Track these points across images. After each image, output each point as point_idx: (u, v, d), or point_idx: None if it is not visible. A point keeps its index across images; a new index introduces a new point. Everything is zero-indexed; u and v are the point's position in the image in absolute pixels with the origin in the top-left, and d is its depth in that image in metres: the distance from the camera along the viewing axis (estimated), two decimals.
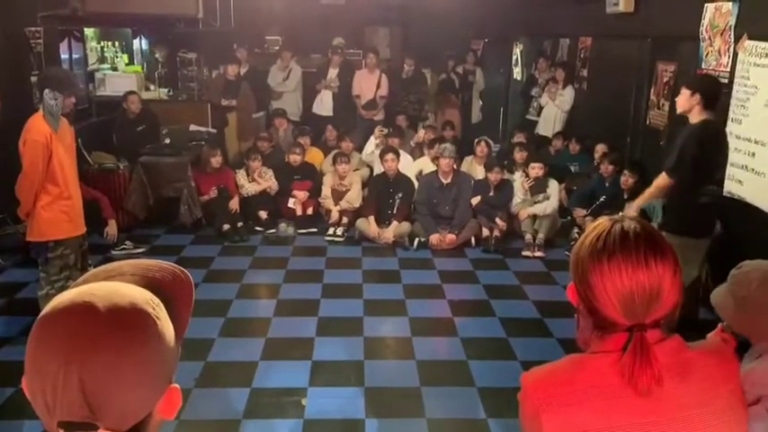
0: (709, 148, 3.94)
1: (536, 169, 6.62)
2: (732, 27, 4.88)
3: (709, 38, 5.21)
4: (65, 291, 0.87)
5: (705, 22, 5.25)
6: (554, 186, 6.61)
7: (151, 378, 0.83)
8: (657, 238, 1.17)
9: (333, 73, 9.00)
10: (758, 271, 1.95)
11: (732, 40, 4.88)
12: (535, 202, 6.57)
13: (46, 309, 0.83)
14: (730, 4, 4.91)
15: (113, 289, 0.85)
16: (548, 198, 6.54)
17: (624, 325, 1.13)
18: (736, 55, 4.81)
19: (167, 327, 0.86)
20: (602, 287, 1.13)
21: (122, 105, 7.08)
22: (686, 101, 3.97)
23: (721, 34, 5.04)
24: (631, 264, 1.12)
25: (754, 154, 4.56)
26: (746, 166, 4.64)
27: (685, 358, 1.16)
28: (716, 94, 4.01)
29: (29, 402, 0.82)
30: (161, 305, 0.87)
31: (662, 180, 4.09)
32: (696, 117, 3.97)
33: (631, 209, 4.31)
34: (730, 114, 4.83)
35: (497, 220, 6.40)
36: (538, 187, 6.60)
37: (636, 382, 1.10)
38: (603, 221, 1.22)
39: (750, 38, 4.66)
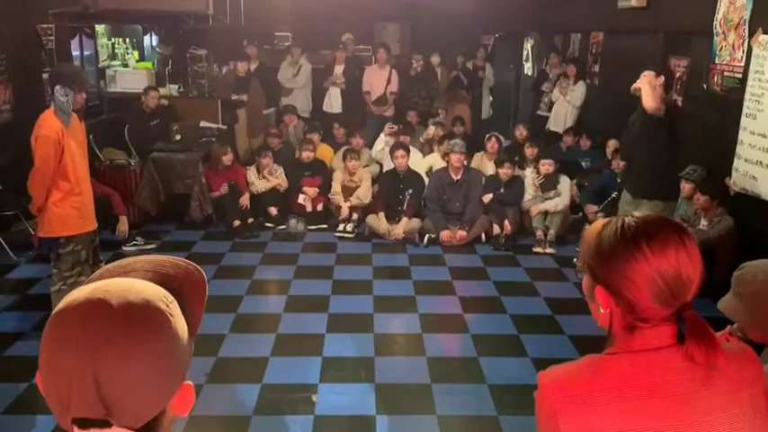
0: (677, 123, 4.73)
1: (546, 166, 6.57)
2: (747, 21, 4.82)
3: (723, 32, 5.15)
4: (77, 286, 0.86)
5: (719, 16, 5.20)
6: (565, 183, 6.57)
7: (165, 375, 0.83)
8: (672, 219, 1.18)
9: (338, 70, 8.99)
10: (764, 267, 1.89)
11: (746, 35, 4.82)
12: (546, 199, 6.54)
13: (60, 305, 0.83)
14: None
15: (127, 285, 0.85)
16: (559, 194, 6.50)
17: (669, 309, 1.11)
18: (750, 50, 4.76)
19: (181, 323, 0.86)
20: (648, 273, 1.09)
21: (141, 98, 7.10)
22: (651, 80, 4.53)
23: (735, 29, 4.98)
24: (673, 243, 1.10)
25: None
26: (761, 162, 4.59)
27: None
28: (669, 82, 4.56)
29: (42, 397, 0.82)
30: (174, 302, 0.87)
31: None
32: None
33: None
34: (744, 110, 4.78)
35: (505, 222, 6.37)
36: (548, 184, 6.56)
37: (709, 362, 1.09)
38: (605, 220, 1.21)
39: (765, 32, 4.61)
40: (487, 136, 7.51)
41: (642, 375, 1.11)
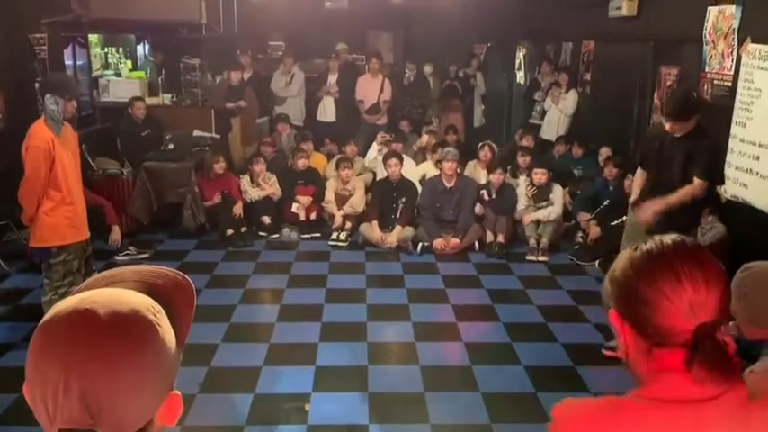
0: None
1: (539, 175, 6.56)
2: (736, 30, 4.87)
3: (713, 41, 5.20)
4: (68, 296, 0.86)
5: (708, 25, 5.25)
6: (558, 192, 6.57)
7: (152, 385, 0.82)
8: (690, 239, 1.13)
9: (332, 79, 9.02)
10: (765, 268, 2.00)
11: (736, 44, 4.87)
12: (539, 208, 6.54)
13: (47, 315, 0.82)
14: (734, 7, 4.91)
15: (114, 296, 0.84)
16: (551, 204, 6.50)
17: (687, 328, 1.03)
18: (739, 58, 4.81)
19: (168, 333, 0.86)
20: (657, 294, 1.04)
21: (127, 110, 7.10)
22: (689, 126, 3.93)
23: (725, 37, 5.03)
24: (686, 265, 1.05)
25: (758, 157, 4.55)
26: (751, 170, 4.62)
27: (746, 416, 1.04)
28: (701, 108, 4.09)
29: (31, 409, 0.82)
30: (162, 311, 0.86)
31: (698, 187, 4.01)
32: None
33: (649, 210, 4.09)
34: (734, 118, 4.82)
35: (500, 219, 6.36)
36: (541, 195, 6.55)
37: (720, 389, 1.01)
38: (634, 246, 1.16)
39: (754, 41, 4.65)
40: (480, 144, 7.54)
41: (670, 427, 1.02)
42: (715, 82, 5.20)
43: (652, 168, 4.21)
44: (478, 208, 6.54)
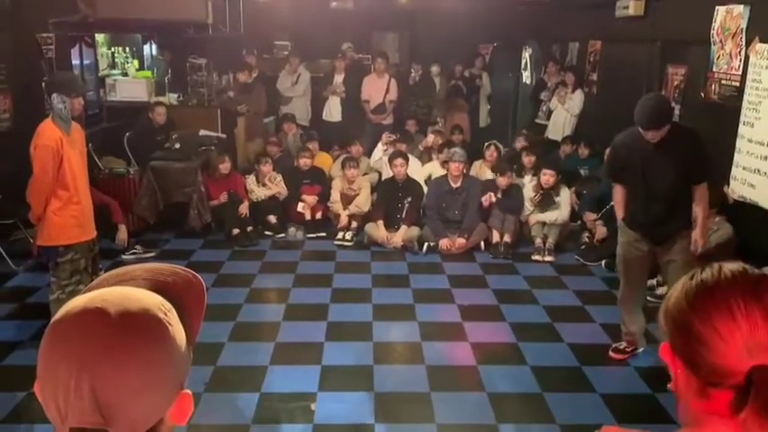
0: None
1: (547, 176, 6.49)
2: (744, 30, 4.85)
3: (720, 41, 5.18)
4: (76, 295, 0.86)
5: (716, 25, 5.23)
6: (565, 195, 6.51)
7: (162, 384, 0.82)
8: (752, 269, 1.03)
9: (338, 79, 9.03)
10: None
11: (743, 44, 4.85)
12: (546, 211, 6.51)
13: (58, 314, 0.82)
14: (741, 6, 4.89)
15: (125, 294, 0.84)
16: (558, 208, 6.46)
17: (741, 369, 0.94)
18: (747, 58, 4.79)
19: (179, 332, 0.86)
20: (712, 328, 0.96)
21: (148, 113, 7.11)
22: (666, 129, 3.83)
23: (732, 37, 5.01)
24: (741, 299, 0.96)
25: (766, 157, 4.53)
26: (759, 170, 4.61)
27: None
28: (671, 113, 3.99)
29: (40, 406, 0.82)
30: (173, 310, 0.86)
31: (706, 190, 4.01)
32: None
33: (699, 238, 4.02)
34: (742, 118, 4.81)
35: (505, 218, 6.33)
36: (546, 200, 6.50)
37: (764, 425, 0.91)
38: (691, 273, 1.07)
39: (762, 41, 4.63)
40: (486, 144, 7.54)
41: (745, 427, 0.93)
42: (723, 82, 5.18)
43: (637, 180, 3.99)
44: (486, 197, 6.48)
